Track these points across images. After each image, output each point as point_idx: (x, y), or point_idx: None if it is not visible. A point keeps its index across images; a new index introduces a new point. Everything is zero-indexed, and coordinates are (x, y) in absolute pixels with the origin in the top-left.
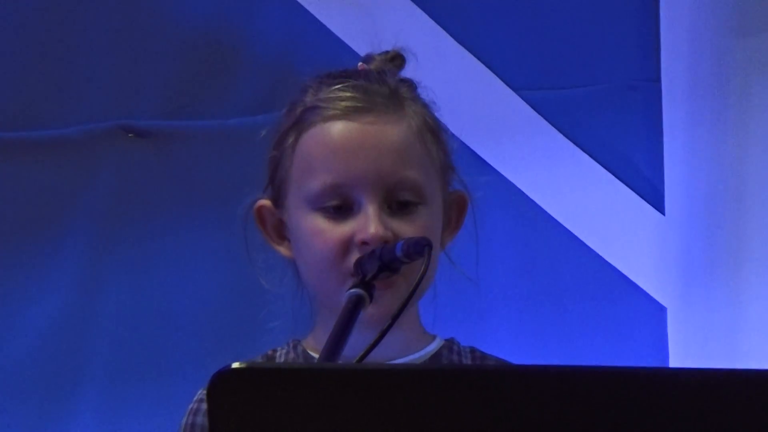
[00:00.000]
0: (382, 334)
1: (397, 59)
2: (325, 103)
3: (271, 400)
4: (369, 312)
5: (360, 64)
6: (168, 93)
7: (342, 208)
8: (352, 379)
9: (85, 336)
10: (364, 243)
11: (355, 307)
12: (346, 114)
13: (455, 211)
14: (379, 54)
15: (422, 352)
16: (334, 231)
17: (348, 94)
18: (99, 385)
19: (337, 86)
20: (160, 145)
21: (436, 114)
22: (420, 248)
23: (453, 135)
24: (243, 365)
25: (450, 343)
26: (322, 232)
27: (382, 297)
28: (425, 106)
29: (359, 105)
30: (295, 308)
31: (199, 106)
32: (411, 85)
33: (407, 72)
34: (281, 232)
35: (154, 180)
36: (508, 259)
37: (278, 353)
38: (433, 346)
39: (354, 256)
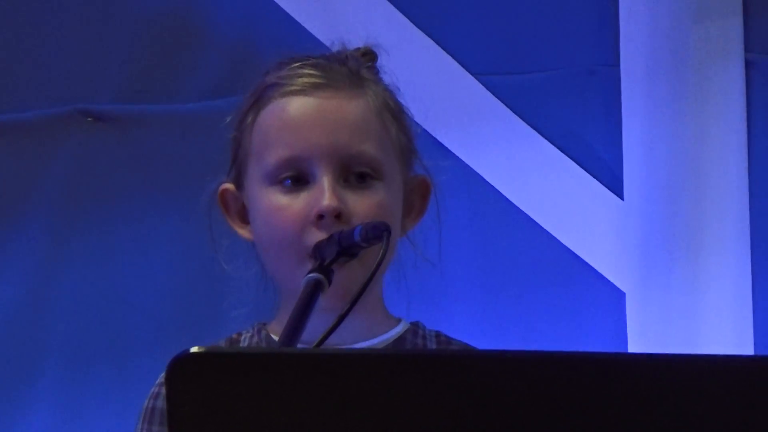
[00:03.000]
0: (340, 319)
1: (368, 54)
2: (284, 80)
3: (229, 384)
4: (324, 296)
5: (328, 54)
6: (127, 77)
7: (298, 182)
8: (310, 364)
9: (44, 322)
10: (320, 216)
11: (313, 292)
12: (304, 89)
13: (418, 195)
14: (351, 50)
15: (386, 336)
16: (291, 207)
17: (307, 71)
18: (58, 372)
19: (296, 64)
20: (119, 129)
21: (398, 99)
22: (378, 233)
23: (412, 120)
24: (201, 350)
25: (415, 327)
26: (279, 208)
27: (336, 279)
28: (387, 89)
29: (318, 81)
30: (259, 294)
31: (159, 89)
32: (373, 68)
33: (380, 57)
34: (244, 216)
35: (114, 164)
36: (467, 244)
37: (243, 336)
38: (397, 330)
39: (312, 235)
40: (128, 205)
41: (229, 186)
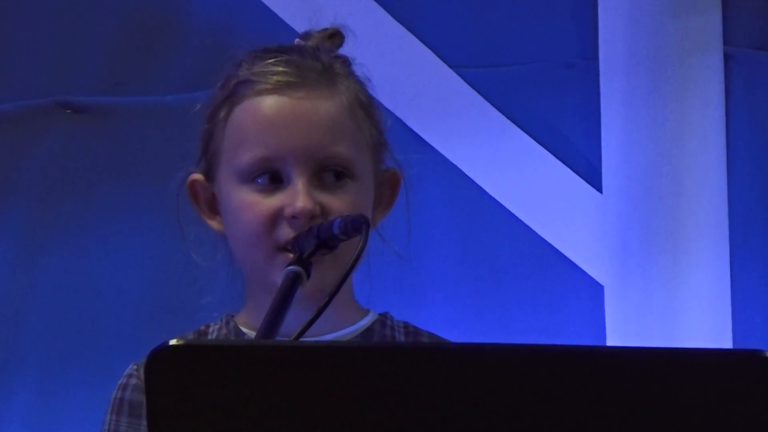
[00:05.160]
0: (319, 312)
1: (335, 37)
2: (258, 77)
3: (208, 377)
4: (302, 289)
5: (297, 40)
6: (106, 69)
7: (272, 182)
8: (289, 357)
9: (20, 314)
10: (294, 217)
11: (292, 285)
12: (278, 88)
13: (388, 188)
14: (318, 31)
15: (355, 327)
16: (263, 204)
17: (280, 69)
18: (34, 364)
19: (269, 60)
20: (98, 121)
21: (371, 91)
22: (357, 226)
23: (390, 112)
24: (180, 342)
25: (383, 318)
26: (251, 205)
27: (313, 273)
28: (359, 82)
29: (291, 80)
30: (228, 283)
31: (137, 82)
32: (345, 61)
33: (344, 49)
34: (213, 206)
35: (92, 156)
36: (445, 238)
37: (211, 329)
38: (365, 321)
39: (282, 230)
40: (107, 196)
41: (199, 176)
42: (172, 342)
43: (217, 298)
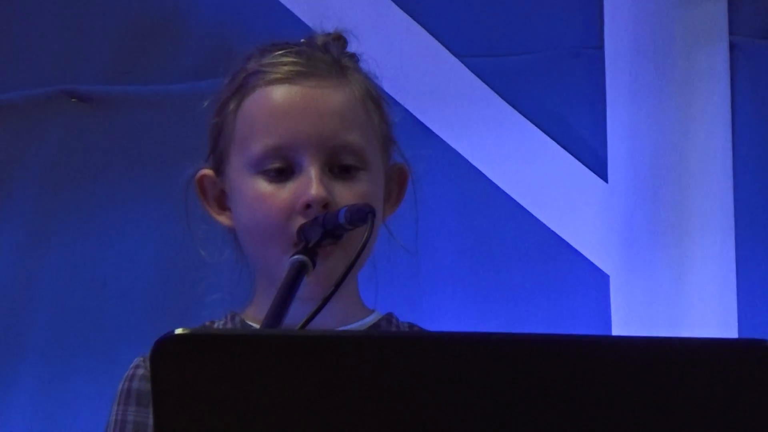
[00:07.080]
0: (325, 301)
1: (339, 40)
2: (268, 68)
3: (214, 366)
4: (307, 282)
5: (303, 40)
6: (111, 58)
7: (284, 171)
8: (294, 346)
9: (25, 303)
10: (307, 206)
11: (298, 274)
12: (289, 78)
13: (396, 184)
14: (323, 35)
15: (360, 323)
16: (277, 195)
17: (290, 59)
18: (40, 354)
19: (279, 52)
20: (104, 110)
21: (379, 84)
22: (363, 215)
23: (396, 102)
24: (186, 331)
25: (389, 317)
26: (264, 197)
27: (319, 266)
28: (368, 77)
29: (302, 69)
30: (234, 280)
31: (143, 70)
32: (353, 57)
33: (350, 43)
34: (222, 202)
35: (97, 145)
36: (451, 227)
37: (216, 324)
38: (371, 318)
39: (297, 223)
40: (112, 185)
41: (208, 172)
42: (178, 331)
43: (223, 295)
